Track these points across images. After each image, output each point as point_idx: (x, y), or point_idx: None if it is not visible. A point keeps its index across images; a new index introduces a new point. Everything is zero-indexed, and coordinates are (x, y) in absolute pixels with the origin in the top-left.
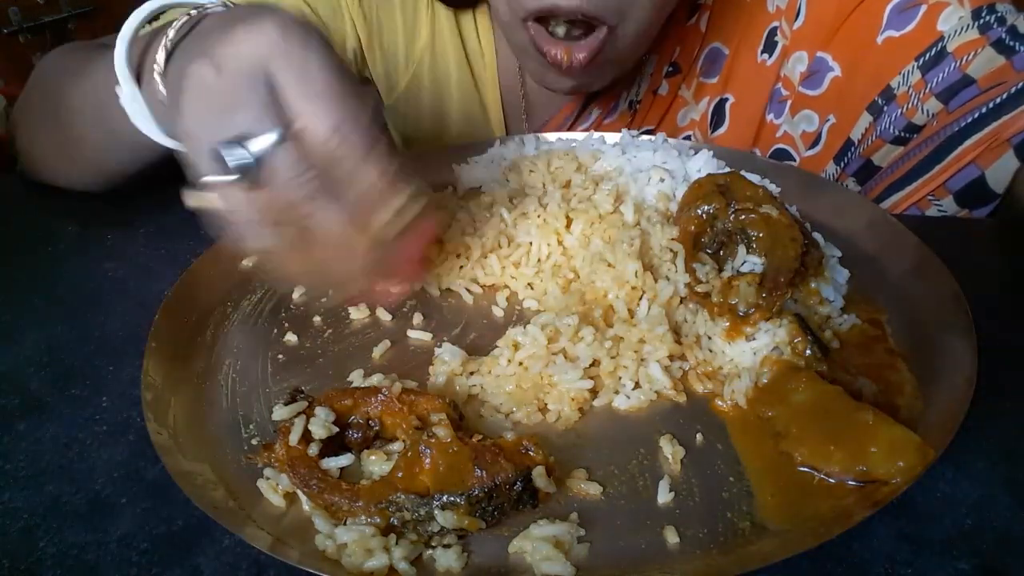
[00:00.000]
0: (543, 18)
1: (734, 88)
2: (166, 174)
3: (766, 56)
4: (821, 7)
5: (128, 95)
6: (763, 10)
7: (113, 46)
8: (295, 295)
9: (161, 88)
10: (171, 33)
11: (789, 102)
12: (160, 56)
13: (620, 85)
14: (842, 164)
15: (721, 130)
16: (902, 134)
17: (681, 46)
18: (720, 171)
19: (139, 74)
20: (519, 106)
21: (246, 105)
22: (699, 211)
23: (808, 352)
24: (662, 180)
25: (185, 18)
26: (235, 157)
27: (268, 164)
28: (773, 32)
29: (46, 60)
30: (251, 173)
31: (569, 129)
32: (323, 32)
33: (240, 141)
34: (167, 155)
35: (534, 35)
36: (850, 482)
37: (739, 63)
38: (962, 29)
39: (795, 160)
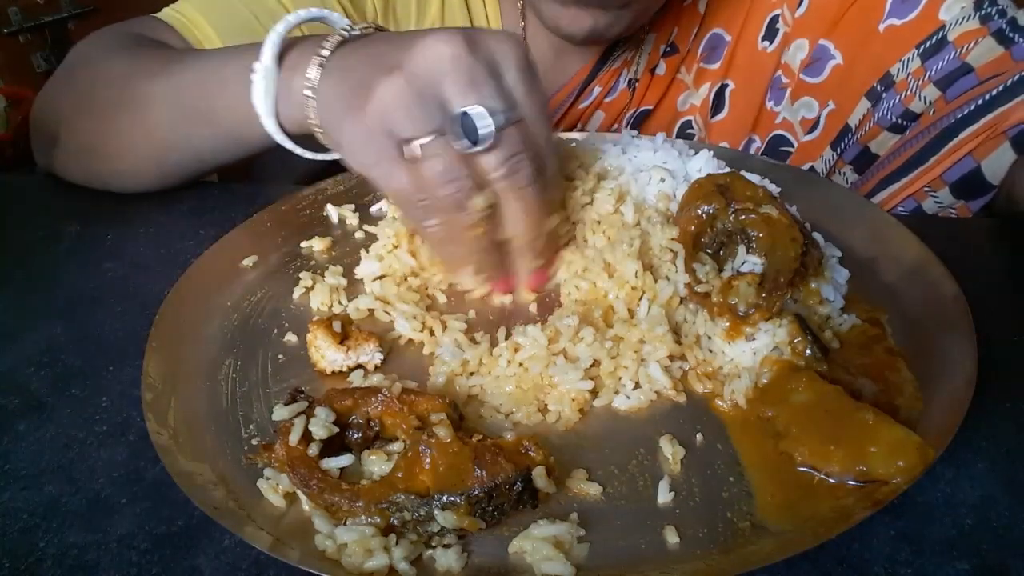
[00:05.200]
0: None
1: (734, 74)
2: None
3: (767, 43)
4: None
5: (265, 74)
6: None
7: (144, 42)
8: (295, 295)
9: (313, 75)
10: (335, 38)
11: (789, 89)
12: (326, 50)
13: (620, 63)
14: (839, 150)
15: (720, 115)
16: (899, 121)
17: (679, 26)
18: (720, 171)
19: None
20: None
21: (489, 84)
22: (699, 211)
23: (808, 352)
24: (662, 180)
25: (353, 32)
26: (485, 124)
27: (503, 136)
28: (775, 20)
29: (85, 56)
30: (487, 139)
31: (571, 106)
32: None
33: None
34: (250, 152)
35: None
36: (850, 482)
37: (740, 50)
38: (963, 19)
39: (793, 146)
